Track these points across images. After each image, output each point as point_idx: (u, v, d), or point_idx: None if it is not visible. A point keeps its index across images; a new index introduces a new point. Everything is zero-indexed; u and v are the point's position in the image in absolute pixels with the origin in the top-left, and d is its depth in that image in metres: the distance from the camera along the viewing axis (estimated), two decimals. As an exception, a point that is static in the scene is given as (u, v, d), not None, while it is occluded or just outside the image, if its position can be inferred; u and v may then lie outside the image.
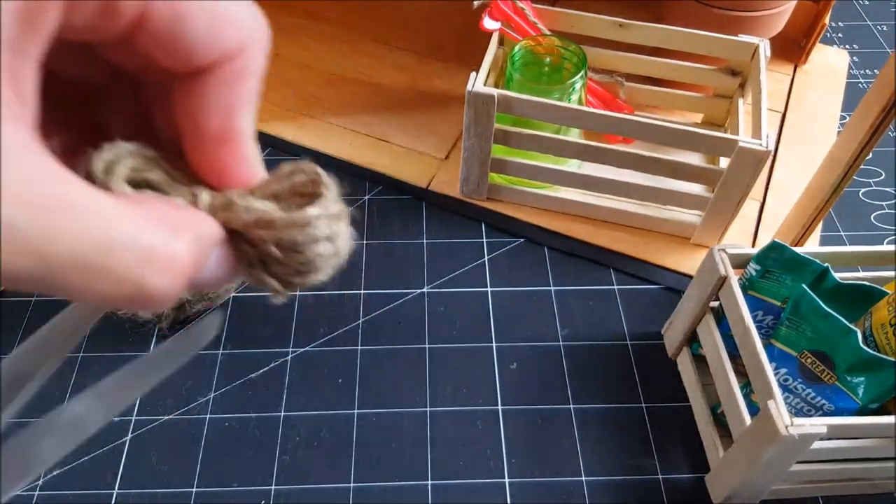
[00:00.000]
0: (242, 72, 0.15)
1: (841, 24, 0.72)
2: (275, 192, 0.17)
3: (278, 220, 0.16)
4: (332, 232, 0.17)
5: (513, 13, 0.52)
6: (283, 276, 0.17)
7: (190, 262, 0.14)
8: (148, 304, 0.13)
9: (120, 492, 0.38)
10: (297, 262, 0.17)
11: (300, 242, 0.16)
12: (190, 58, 0.14)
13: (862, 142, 0.38)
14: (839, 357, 0.35)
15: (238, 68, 0.15)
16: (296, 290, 0.18)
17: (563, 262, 0.49)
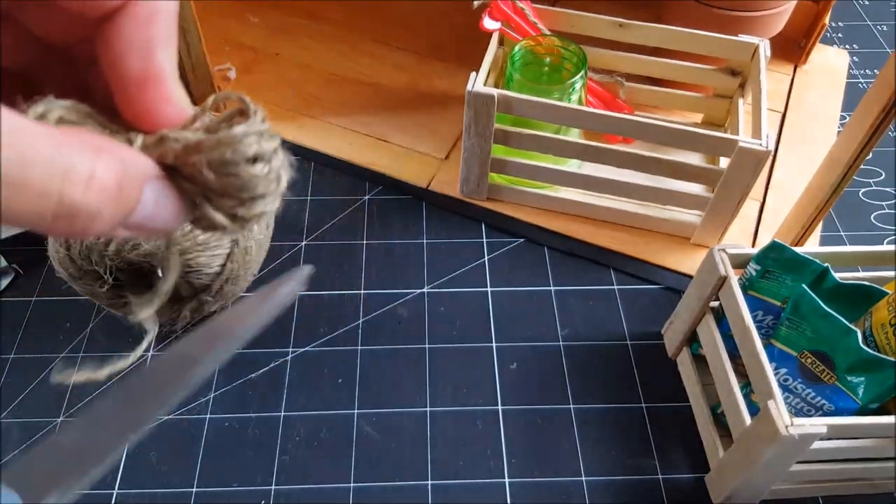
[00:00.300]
0: (152, 10, 0.16)
1: (841, 24, 0.72)
2: (206, 126, 0.17)
3: (205, 141, 0.16)
4: (262, 150, 0.17)
5: (513, 13, 0.52)
6: (227, 209, 0.17)
7: (113, 182, 0.15)
8: (76, 224, 0.14)
9: (120, 492, 0.38)
10: (236, 189, 0.17)
11: (231, 161, 0.16)
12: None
13: (862, 142, 0.38)
14: (839, 357, 0.35)
15: (147, 7, 0.16)
16: (245, 224, 0.18)
17: (563, 262, 0.49)
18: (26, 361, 0.43)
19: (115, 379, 0.37)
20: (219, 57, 0.61)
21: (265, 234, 0.43)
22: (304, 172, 0.54)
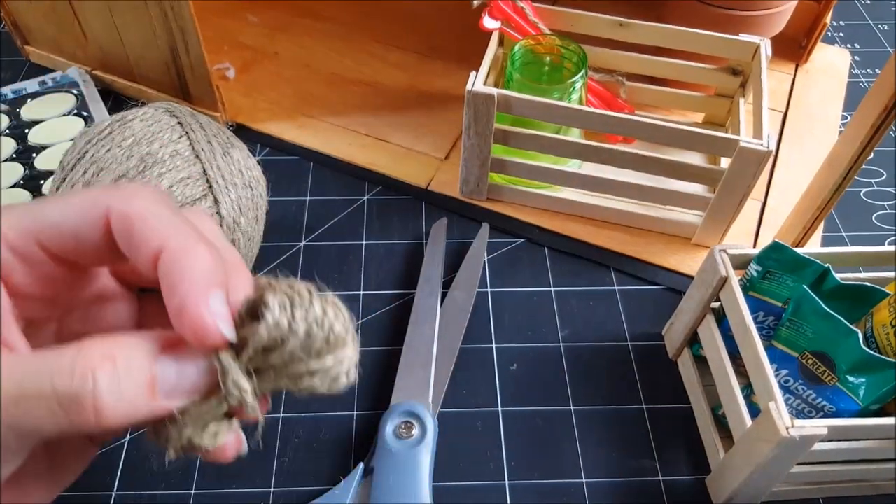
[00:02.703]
0: (174, 260, 0.20)
1: (842, 23, 0.71)
2: (242, 336, 0.20)
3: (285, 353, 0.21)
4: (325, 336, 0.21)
5: (513, 12, 0.52)
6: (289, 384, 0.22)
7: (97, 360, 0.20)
8: (86, 408, 0.18)
9: (118, 493, 0.38)
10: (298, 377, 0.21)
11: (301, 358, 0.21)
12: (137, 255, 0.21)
13: (863, 142, 0.38)
14: (840, 358, 0.35)
15: (168, 259, 0.20)
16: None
17: (564, 262, 0.49)
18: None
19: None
20: (217, 56, 0.61)
21: (254, 227, 0.42)
22: (302, 172, 0.54)
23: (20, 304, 0.21)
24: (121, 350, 0.19)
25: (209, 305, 0.19)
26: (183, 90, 0.56)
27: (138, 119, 0.40)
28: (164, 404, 0.20)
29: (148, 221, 0.20)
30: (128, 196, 0.21)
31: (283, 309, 0.20)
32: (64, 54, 0.60)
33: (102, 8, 0.52)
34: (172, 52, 0.52)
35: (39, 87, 0.58)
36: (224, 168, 0.40)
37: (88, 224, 0.21)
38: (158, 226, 0.20)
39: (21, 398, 0.18)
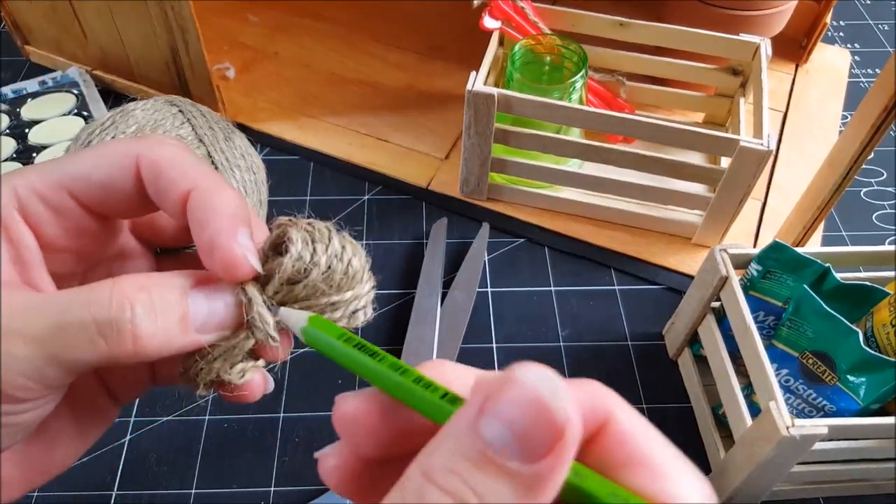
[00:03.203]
0: (204, 200, 0.21)
1: (842, 23, 0.71)
2: (267, 270, 0.21)
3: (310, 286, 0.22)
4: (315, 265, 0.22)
5: (513, 12, 0.52)
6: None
7: (134, 292, 0.20)
8: (125, 338, 0.19)
9: (119, 493, 0.38)
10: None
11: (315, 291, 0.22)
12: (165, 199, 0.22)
13: (863, 141, 0.38)
14: (840, 358, 0.35)
15: (197, 199, 0.21)
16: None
17: (564, 262, 0.49)
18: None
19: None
20: (217, 56, 0.61)
21: (252, 179, 0.42)
22: (303, 172, 0.54)
23: (48, 256, 0.22)
24: (154, 284, 0.20)
25: (238, 239, 0.20)
26: (183, 90, 0.56)
27: (139, 109, 0.41)
28: (196, 338, 0.20)
29: (177, 166, 0.21)
30: (157, 144, 0.22)
31: (306, 243, 0.21)
32: (64, 54, 0.60)
33: (103, 8, 0.52)
34: (173, 51, 0.52)
35: (40, 87, 0.58)
36: (227, 151, 0.40)
37: (120, 171, 0.21)
38: (188, 169, 0.21)
39: (61, 328, 0.19)
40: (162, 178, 0.21)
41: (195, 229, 0.21)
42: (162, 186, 0.21)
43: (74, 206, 0.22)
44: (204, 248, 0.21)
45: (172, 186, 0.21)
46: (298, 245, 0.21)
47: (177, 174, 0.21)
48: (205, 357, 0.21)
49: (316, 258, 0.21)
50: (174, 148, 0.22)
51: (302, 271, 0.21)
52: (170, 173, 0.21)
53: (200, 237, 0.21)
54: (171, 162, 0.21)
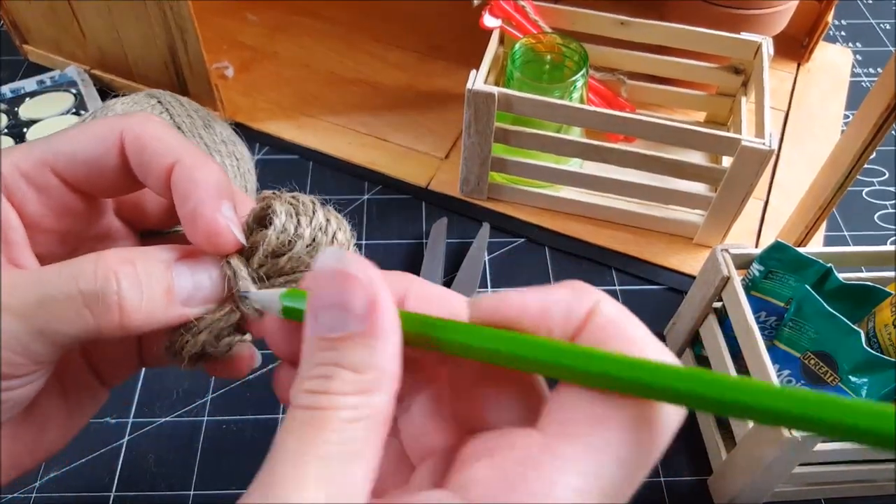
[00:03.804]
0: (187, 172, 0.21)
1: (844, 22, 0.71)
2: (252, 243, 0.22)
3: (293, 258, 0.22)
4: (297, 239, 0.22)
5: (513, 11, 0.52)
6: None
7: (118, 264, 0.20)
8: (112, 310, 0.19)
9: (117, 494, 0.37)
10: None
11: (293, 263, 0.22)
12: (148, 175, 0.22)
13: (865, 141, 0.38)
14: (842, 358, 0.35)
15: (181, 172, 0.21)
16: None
17: (565, 262, 0.49)
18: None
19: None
20: (216, 55, 0.61)
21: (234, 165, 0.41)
22: (302, 172, 0.54)
23: (32, 237, 0.22)
24: (139, 257, 0.20)
25: (221, 211, 0.21)
26: (182, 89, 0.55)
27: (120, 104, 0.41)
28: (181, 311, 0.20)
29: (161, 140, 0.21)
30: (141, 120, 0.22)
31: (290, 216, 0.22)
32: (62, 53, 0.59)
33: (101, 7, 0.52)
34: (171, 51, 0.52)
35: (38, 87, 0.58)
36: (206, 137, 0.41)
37: (104, 148, 0.22)
38: (172, 144, 0.21)
39: (46, 301, 0.19)
40: (146, 153, 0.21)
41: (179, 202, 0.21)
42: (146, 161, 0.21)
43: (58, 184, 0.22)
44: (187, 219, 0.21)
45: (156, 160, 0.21)
46: (283, 217, 0.22)
47: (161, 148, 0.21)
48: (190, 330, 0.21)
49: (300, 230, 0.22)
50: (158, 124, 0.22)
51: (286, 244, 0.21)
52: (154, 147, 0.21)
53: (184, 209, 0.21)
54: (154, 136, 0.21)
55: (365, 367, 0.17)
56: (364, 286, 0.17)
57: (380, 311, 0.17)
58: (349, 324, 0.17)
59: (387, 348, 0.17)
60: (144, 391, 0.41)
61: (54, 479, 0.38)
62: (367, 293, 0.17)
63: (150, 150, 0.21)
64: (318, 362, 0.17)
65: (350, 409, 0.16)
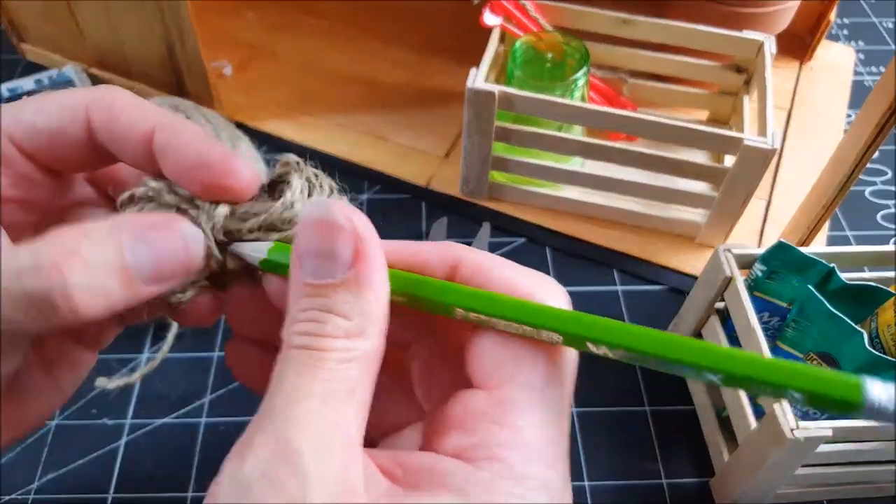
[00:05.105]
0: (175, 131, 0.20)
1: (846, 20, 0.71)
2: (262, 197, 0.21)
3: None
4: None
5: (514, 9, 0.51)
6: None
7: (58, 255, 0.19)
8: (59, 299, 0.18)
9: (115, 496, 0.37)
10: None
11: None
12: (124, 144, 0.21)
13: (867, 140, 0.37)
14: (845, 359, 0.35)
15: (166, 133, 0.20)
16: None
17: (566, 262, 0.49)
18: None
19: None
20: (215, 53, 0.61)
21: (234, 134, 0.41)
22: (302, 171, 0.54)
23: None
24: (87, 241, 0.18)
25: (236, 153, 0.20)
26: (180, 88, 0.55)
27: None
28: (143, 290, 0.19)
29: (135, 108, 0.21)
30: (107, 90, 0.21)
31: (303, 193, 0.21)
32: (60, 52, 0.59)
33: (99, 6, 0.52)
34: (169, 49, 0.52)
35: (35, 86, 0.57)
36: None
37: (69, 119, 0.21)
38: (146, 110, 0.21)
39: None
40: (120, 121, 0.21)
41: (172, 156, 0.20)
42: (119, 129, 0.21)
43: (16, 153, 0.21)
44: (194, 167, 0.20)
45: (133, 127, 0.20)
46: (295, 194, 0.21)
47: (136, 115, 0.21)
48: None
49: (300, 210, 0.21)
50: (126, 93, 0.21)
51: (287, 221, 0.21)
52: (128, 115, 0.21)
53: (183, 161, 0.20)
54: (126, 105, 0.21)
55: (352, 313, 0.18)
56: (350, 235, 0.18)
57: (365, 259, 0.18)
58: (335, 271, 0.18)
59: (372, 295, 0.18)
60: (142, 392, 0.41)
61: (52, 480, 0.38)
62: (353, 242, 0.18)
63: (125, 118, 0.20)
64: (307, 307, 0.18)
65: (341, 351, 0.17)
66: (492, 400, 0.18)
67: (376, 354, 0.18)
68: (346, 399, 0.17)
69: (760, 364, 0.17)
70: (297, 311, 0.18)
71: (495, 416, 0.18)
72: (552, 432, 0.18)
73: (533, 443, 0.18)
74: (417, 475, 0.17)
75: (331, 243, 0.18)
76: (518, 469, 0.17)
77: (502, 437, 0.18)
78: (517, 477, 0.17)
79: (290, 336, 0.18)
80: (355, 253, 0.18)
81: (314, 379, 0.17)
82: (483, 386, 0.19)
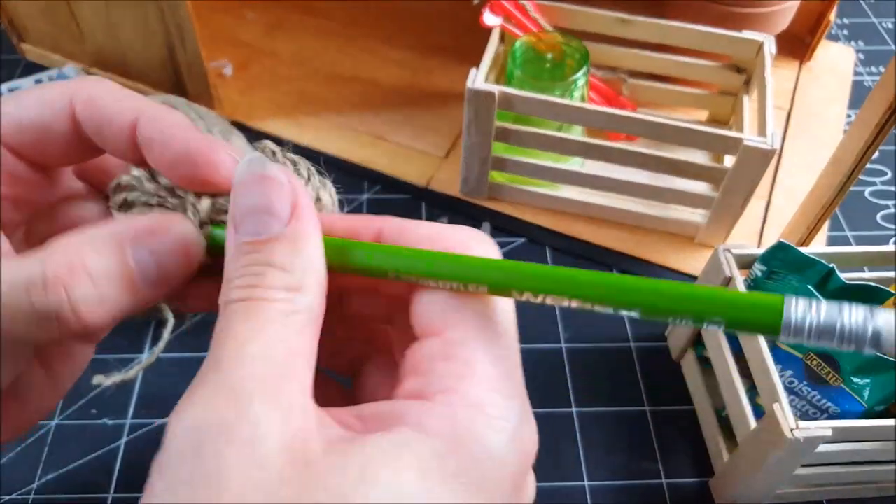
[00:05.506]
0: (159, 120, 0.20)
1: (846, 20, 0.71)
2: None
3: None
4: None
5: (514, 9, 0.51)
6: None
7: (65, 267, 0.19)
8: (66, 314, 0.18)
9: (115, 496, 0.37)
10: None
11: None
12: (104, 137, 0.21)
13: (867, 140, 0.37)
14: (844, 359, 0.35)
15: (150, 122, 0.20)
16: None
17: (566, 262, 0.49)
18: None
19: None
20: (215, 53, 0.61)
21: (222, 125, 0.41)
22: (302, 171, 0.54)
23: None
24: (89, 252, 0.18)
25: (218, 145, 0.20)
26: (180, 88, 0.55)
27: None
28: (148, 293, 0.19)
29: (118, 98, 0.21)
30: (90, 82, 0.21)
31: None
32: (60, 52, 0.59)
33: (99, 5, 0.52)
34: (169, 49, 0.52)
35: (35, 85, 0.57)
36: None
37: (52, 112, 0.21)
38: (129, 99, 0.21)
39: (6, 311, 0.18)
40: (102, 114, 0.21)
41: (157, 148, 0.20)
42: (104, 120, 0.21)
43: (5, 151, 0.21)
44: (178, 158, 0.20)
45: (117, 117, 0.20)
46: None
47: (119, 106, 0.21)
48: None
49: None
50: (108, 84, 0.21)
51: None
52: (112, 106, 0.21)
53: (167, 152, 0.20)
54: (110, 95, 0.21)
55: (291, 266, 0.17)
56: (287, 190, 0.18)
57: (302, 214, 0.18)
58: (272, 226, 0.18)
59: (310, 248, 0.18)
60: (142, 392, 0.41)
61: (52, 480, 0.38)
62: (290, 197, 0.18)
63: (109, 108, 0.20)
64: (245, 264, 0.18)
65: (283, 302, 0.17)
66: (441, 342, 0.18)
67: (319, 312, 0.18)
68: (292, 347, 0.17)
69: (678, 296, 0.17)
70: (232, 270, 0.18)
71: (446, 355, 0.18)
72: (505, 367, 0.19)
73: (486, 374, 0.18)
74: (374, 421, 0.17)
75: (268, 198, 0.18)
76: (474, 398, 0.17)
77: (455, 370, 0.18)
78: (475, 405, 0.17)
79: (228, 292, 0.17)
80: (292, 207, 0.18)
81: (258, 327, 0.16)
82: (431, 334, 0.19)
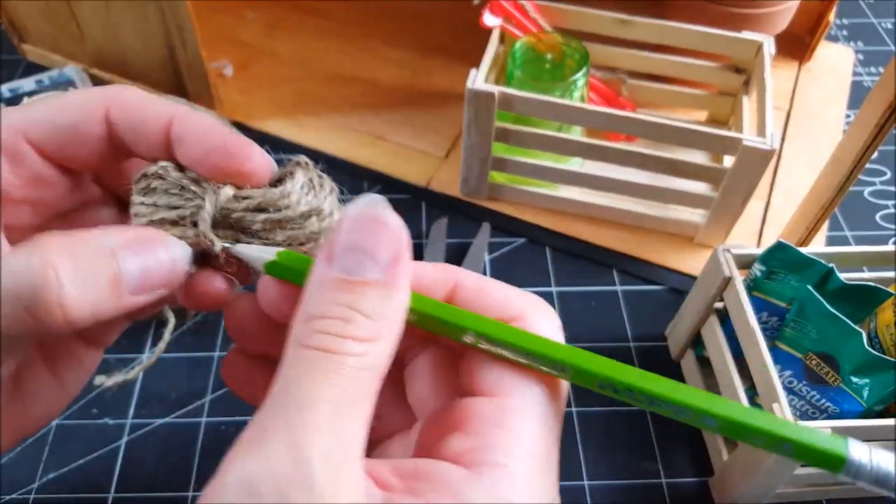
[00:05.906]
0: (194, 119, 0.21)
1: (845, 21, 0.71)
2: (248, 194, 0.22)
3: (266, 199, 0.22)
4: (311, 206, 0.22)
5: (513, 9, 0.51)
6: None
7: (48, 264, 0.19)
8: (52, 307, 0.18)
9: (115, 496, 0.37)
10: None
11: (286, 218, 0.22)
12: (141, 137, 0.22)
13: (866, 141, 0.37)
14: (844, 359, 0.35)
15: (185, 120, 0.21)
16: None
17: (565, 262, 0.49)
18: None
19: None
20: (215, 54, 0.61)
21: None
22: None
23: (5, 208, 0.21)
24: (81, 246, 0.19)
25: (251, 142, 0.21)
26: (180, 88, 0.55)
27: None
28: (130, 301, 0.19)
29: (152, 101, 0.22)
30: (123, 88, 0.22)
31: (303, 187, 0.22)
32: (60, 52, 0.59)
33: (99, 6, 0.52)
34: (169, 49, 0.52)
35: (36, 86, 0.57)
36: None
37: (87, 115, 0.21)
38: (161, 103, 0.22)
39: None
40: (138, 116, 0.21)
41: (191, 142, 0.21)
42: (139, 121, 0.21)
43: (31, 152, 0.21)
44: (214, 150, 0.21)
45: (152, 118, 0.21)
46: (297, 185, 0.21)
47: (153, 108, 0.22)
48: None
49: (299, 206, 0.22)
50: (139, 90, 0.22)
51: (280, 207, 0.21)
52: (146, 109, 0.22)
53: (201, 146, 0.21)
54: (143, 99, 0.22)
55: (378, 315, 0.17)
56: (394, 236, 0.18)
57: (402, 263, 0.18)
58: (369, 270, 0.17)
59: (400, 301, 0.18)
60: (143, 392, 0.41)
61: (53, 479, 0.38)
62: (395, 244, 0.18)
63: (144, 110, 0.21)
64: (333, 302, 0.17)
65: (358, 356, 0.17)
66: (495, 406, 0.19)
67: (386, 362, 0.18)
68: (357, 409, 0.17)
69: (756, 431, 0.19)
70: (318, 306, 0.17)
71: (499, 421, 0.18)
72: (548, 445, 0.19)
73: (533, 452, 0.18)
74: (415, 481, 0.17)
75: (374, 242, 0.18)
76: (519, 477, 0.17)
77: (505, 441, 0.18)
78: (518, 484, 0.17)
79: (306, 334, 0.17)
80: (395, 254, 0.18)
81: (329, 384, 0.16)
82: (486, 394, 0.19)
